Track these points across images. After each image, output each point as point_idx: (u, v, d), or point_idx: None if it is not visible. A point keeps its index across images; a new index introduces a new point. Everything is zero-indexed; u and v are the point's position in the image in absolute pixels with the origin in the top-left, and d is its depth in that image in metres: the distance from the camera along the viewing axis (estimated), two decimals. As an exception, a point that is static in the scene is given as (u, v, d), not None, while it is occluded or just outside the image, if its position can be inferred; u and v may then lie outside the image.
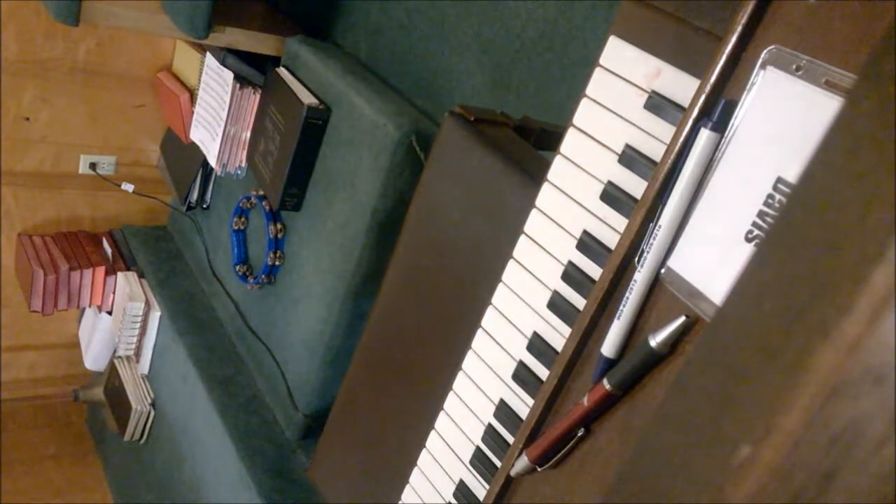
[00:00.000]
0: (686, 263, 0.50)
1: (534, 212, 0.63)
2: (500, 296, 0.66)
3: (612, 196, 0.56)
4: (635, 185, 0.54)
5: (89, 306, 2.35)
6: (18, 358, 2.63)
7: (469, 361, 0.70)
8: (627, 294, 0.52)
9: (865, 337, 0.24)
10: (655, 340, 0.50)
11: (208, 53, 2.12)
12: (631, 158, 0.55)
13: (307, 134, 1.72)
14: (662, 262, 0.51)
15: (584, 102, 0.58)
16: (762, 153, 0.46)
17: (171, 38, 2.33)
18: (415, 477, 0.76)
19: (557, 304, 0.60)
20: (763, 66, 0.46)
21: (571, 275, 0.59)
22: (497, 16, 1.72)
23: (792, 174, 0.44)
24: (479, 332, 0.69)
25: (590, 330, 0.56)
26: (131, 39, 2.32)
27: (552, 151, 0.62)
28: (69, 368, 2.72)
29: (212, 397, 1.90)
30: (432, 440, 0.74)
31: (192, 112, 2.17)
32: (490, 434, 0.67)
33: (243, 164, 2.00)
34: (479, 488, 0.68)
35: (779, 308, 0.28)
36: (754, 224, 0.46)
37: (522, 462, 0.60)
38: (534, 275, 0.63)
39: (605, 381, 0.53)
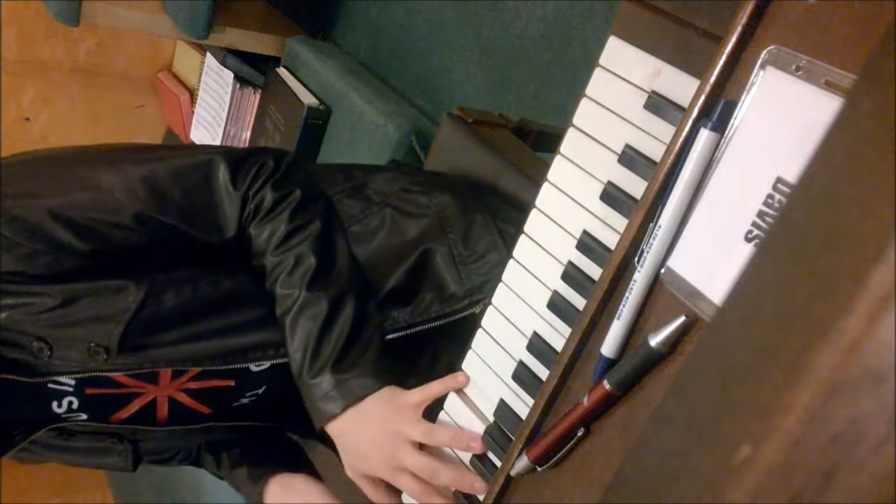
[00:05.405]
0: (686, 263, 0.50)
1: (534, 212, 0.63)
2: (500, 295, 0.66)
3: (612, 196, 0.56)
4: (635, 185, 0.54)
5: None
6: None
7: (469, 361, 0.70)
8: (627, 294, 0.52)
9: (865, 337, 0.24)
10: (655, 340, 0.50)
11: (208, 53, 2.12)
12: (631, 158, 0.55)
13: (307, 134, 1.72)
14: (662, 262, 0.51)
15: (584, 102, 0.58)
16: (762, 153, 0.46)
17: (171, 38, 2.33)
18: (415, 477, 0.75)
19: (557, 304, 0.60)
20: (763, 67, 0.46)
21: (571, 275, 0.59)
22: (497, 16, 1.72)
23: (792, 174, 0.44)
24: (479, 331, 0.69)
25: (590, 330, 0.56)
26: (131, 39, 2.32)
27: (551, 153, 0.62)
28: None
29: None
30: (432, 440, 0.74)
31: (192, 112, 2.17)
32: (490, 433, 0.67)
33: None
34: (479, 488, 0.68)
35: (779, 308, 0.28)
36: (754, 224, 0.46)
37: (522, 462, 0.60)
38: (534, 275, 0.63)
39: (605, 381, 0.53)
